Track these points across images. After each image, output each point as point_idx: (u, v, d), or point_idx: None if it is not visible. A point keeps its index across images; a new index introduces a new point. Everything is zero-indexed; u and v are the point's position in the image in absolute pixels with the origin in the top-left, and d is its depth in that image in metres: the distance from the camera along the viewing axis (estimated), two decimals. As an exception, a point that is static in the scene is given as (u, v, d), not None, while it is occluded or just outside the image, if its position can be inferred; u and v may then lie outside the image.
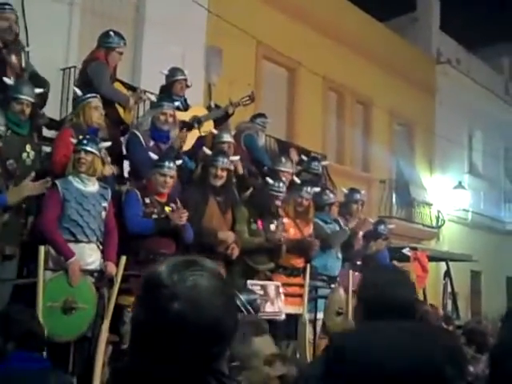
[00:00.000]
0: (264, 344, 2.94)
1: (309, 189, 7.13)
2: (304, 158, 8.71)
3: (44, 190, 4.89)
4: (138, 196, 5.58)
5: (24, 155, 5.27)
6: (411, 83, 17.22)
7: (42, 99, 5.89)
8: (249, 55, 12.66)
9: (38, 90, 5.54)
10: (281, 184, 6.69)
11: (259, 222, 6.62)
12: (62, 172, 5.33)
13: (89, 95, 5.78)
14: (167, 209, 5.64)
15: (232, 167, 6.56)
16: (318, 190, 7.48)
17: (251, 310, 4.95)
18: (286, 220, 6.94)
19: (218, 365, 1.50)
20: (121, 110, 6.50)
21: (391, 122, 17.09)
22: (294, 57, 13.32)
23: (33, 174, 4.88)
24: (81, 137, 5.29)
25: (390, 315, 2.37)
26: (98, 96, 5.87)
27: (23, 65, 6.09)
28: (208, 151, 6.36)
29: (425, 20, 18.96)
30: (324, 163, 8.83)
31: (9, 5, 6.16)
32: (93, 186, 5.25)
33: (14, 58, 5.92)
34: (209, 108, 8.02)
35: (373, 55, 15.76)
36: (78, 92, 5.84)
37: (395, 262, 8.68)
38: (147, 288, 1.54)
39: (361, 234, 7.91)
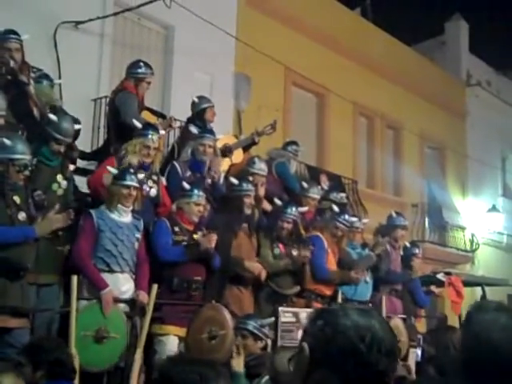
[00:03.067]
0: None
1: (346, 216, 7.13)
2: (325, 187, 8.66)
3: (69, 222, 4.89)
4: (167, 224, 5.61)
5: (54, 186, 5.28)
6: (441, 106, 17.11)
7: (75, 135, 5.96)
8: (277, 81, 12.69)
9: (77, 126, 5.58)
10: (293, 208, 6.66)
11: (281, 246, 6.59)
12: (94, 190, 5.39)
13: (149, 131, 5.79)
14: (195, 236, 5.65)
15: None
16: (355, 219, 7.55)
17: (262, 336, 4.94)
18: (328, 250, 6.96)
19: None
20: None
21: (422, 146, 16.96)
22: (322, 82, 13.32)
23: (57, 206, 4.87)
24: (121, 172, 5.28)
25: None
26: (158, 134, 5.87)
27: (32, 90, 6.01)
28: (235, 180, 6.36)
29: (453, 43, 18.86)
30: (342, 194, 8.72)
31: (14, 33, 5.99)
32: (127, 217, 5.28)
33: (31, 88, 5.85)
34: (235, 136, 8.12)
35: (402, 79, 15.71)
36: (138, 125, 5.84)
37: (430, 288, 8.55)
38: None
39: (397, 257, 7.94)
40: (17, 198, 4.73)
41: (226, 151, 7.38)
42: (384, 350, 1.57)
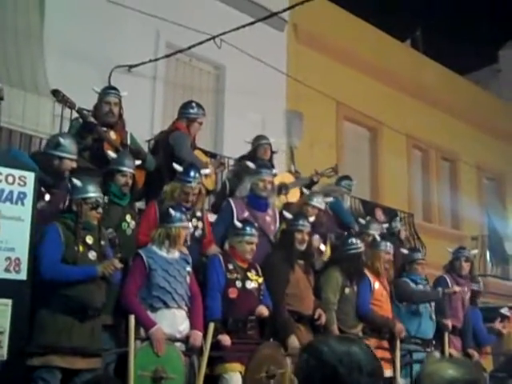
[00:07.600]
0: None
1: (388, 245, 6.97)
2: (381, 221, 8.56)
3: (119, 267, 4.89)
4: (221, 262, 5.55)
5: (124, 225, 5.41)
6: (498, 136, 16.78)
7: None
8: (329, 116, 12.68)
9: (138, 162, 5.73)
10: (358, 241, 6.57)
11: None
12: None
13: (188, 178, 5.70)
14: (249, 274, 5.60)
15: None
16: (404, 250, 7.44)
17: None
18: (370, 277, 6.78)
19: None
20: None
21: (480, 177, 16.64)
22: (374, 116, 13.24)
23: (119, 254, 4.97)
24: (173, 212, 5.26)
25: None
26: (198, 178, 5.75)
27: (128, 142, 6.24)
28: (288, 215, 6.29)
29: (508, 71, 18.59)
30: (398, 222, 8.65)
31: (114, 89, 6.39)
32: (174, 254, 5.28)
33: (112, 134, 6.09)
34: (290, 172, 8.08)
35: (456, 110, 15.51)
36: (179, 168, 5.83)
37: (493, 326, 8.24)
38: None
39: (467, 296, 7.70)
40: (90, 238, 4.83)
41: (282, 189, 7.38)
42: (365, 370, 1.73)
